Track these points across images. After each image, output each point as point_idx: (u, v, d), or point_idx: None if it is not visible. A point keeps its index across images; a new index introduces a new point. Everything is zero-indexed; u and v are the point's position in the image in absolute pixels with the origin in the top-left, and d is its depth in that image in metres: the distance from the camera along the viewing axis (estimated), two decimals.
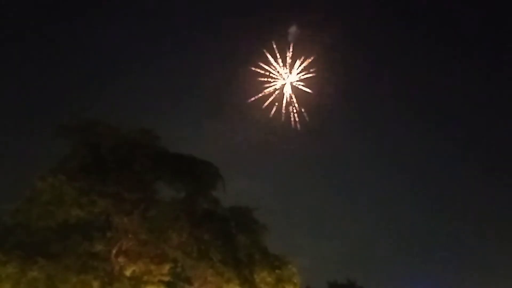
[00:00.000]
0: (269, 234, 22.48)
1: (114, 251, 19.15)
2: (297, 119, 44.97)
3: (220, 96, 55.57)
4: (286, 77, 44.14)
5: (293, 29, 46.38)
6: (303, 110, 45.08)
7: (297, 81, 44.22)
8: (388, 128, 68.40)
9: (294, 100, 44.73)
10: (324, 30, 48.71)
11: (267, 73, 43.79)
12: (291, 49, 43.62)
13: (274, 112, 45.02)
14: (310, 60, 43.79)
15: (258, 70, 43.82)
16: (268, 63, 43.54)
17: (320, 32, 48.45)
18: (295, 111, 45.00)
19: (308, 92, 44.73)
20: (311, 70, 44.03)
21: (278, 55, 43.32)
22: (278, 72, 43.69)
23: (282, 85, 44.29)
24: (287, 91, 44.47)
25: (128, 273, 19.09)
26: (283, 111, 44.80)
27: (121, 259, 19.15)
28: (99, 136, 20.35)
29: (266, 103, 44.63)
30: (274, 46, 43.19)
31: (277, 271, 21.44)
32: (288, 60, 43.75)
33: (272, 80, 44.03)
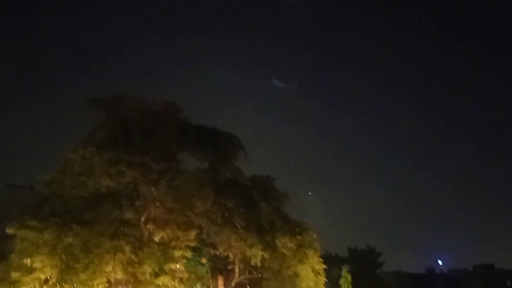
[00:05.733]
0: (289, 201, 23.03)
1: (143, 219, 19.88)
2: None
3: None
4: None
5: None
6: None
7: None
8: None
9: None
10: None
11: None
12: None
13: None
14: None
15: None
16: None
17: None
18: None
19: None
20: None
21: None
22: None
23: None
24: None
25: (157, 238, 19.78)
26: None
27: (149, 226, 19.86)
28: (125, 108, 20.85)
29: None
30: None
31: (298, 237, 21.96)
32: None
33: None
